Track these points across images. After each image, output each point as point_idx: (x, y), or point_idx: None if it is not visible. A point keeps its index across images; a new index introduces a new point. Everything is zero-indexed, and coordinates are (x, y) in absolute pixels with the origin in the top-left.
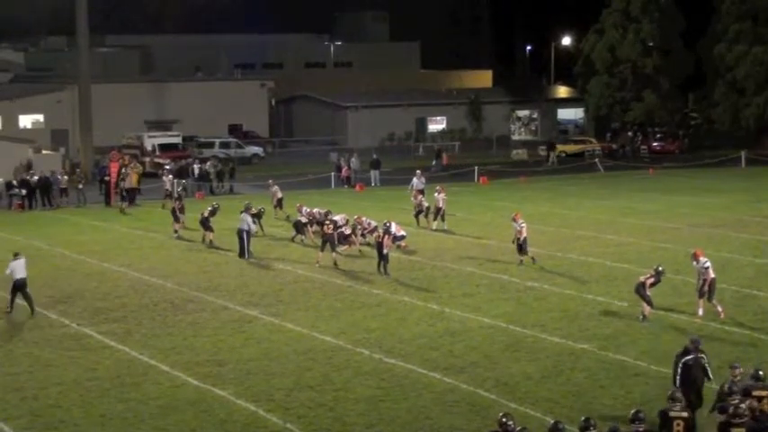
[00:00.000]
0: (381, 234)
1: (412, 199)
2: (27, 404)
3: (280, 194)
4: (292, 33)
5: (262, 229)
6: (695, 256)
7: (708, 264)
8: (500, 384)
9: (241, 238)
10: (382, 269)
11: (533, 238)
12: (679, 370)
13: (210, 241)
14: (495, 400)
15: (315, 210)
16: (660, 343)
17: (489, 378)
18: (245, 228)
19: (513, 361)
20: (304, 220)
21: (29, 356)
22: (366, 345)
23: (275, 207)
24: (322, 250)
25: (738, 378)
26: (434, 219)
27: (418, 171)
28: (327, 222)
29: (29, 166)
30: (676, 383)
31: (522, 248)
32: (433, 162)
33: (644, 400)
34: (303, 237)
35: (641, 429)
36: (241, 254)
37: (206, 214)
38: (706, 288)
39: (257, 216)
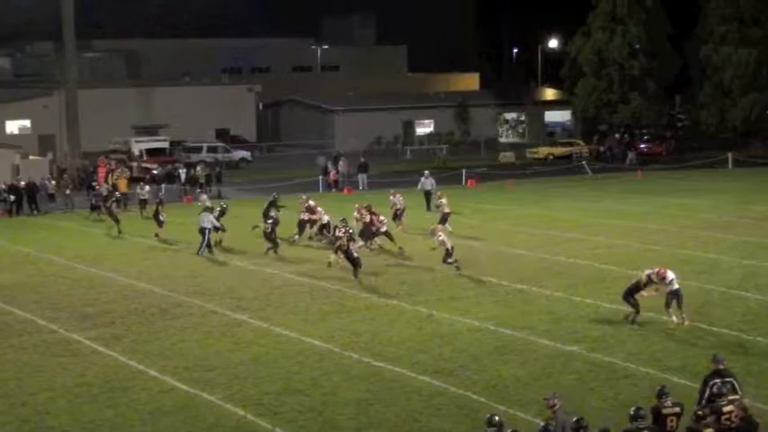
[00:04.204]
0: (345, 242)
1: (391, 197)
2: (15, 410)
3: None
4: (279, 37)
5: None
6: (659, 275)
7: (673, 277)
8: (489, 387)
9: (204, 236)
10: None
11: (522, 240)
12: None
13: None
14: (484, 403)
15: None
16: (649, 345)
17: (478, 381)
18: (208, 226)
19: (501, 363)
20: (306, 217)
21: (17, 362)
22: (355, 348)
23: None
24: (335, 253)
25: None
26: (396, 220)
27: (426, 171)
28: (340, 226)
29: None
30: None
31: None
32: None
33: (633, 402)
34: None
35: (642, 426)
36: (200, 250)
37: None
38: (673, 301)
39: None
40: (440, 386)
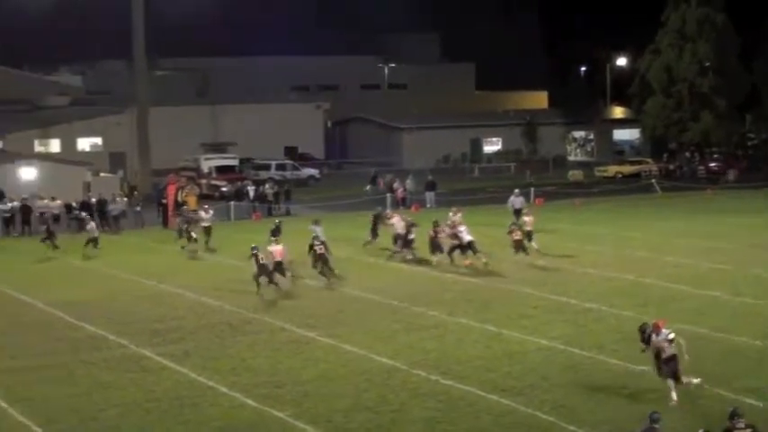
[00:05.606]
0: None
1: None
2: (85, 426)
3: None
4: (347, 55)
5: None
6: (656, 329)
7: (672, 336)
8: (558, 407)
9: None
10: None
11: (590, 258)
12: None
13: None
14: (553, 423)
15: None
16: (722, 365)
17: (547, 400)
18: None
19: (571, 383)
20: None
21: (88, 377)
22: (423, 366)
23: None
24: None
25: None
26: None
27: (516, 189)
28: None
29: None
30: None
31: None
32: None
33: (704, 424)
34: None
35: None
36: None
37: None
38: (663, 366)
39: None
40: (508, 405)
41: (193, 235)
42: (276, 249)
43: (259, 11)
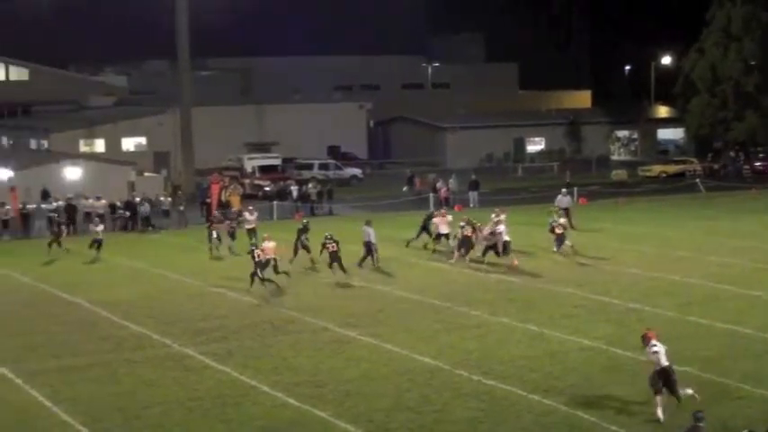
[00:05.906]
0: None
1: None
2: (129, 424)
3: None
4: (390, 55)
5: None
6: (646, 340)
7: (654, 348)
8: (600, 407)
9: (368, 249)
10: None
11: (634, 258)
12: None
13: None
14: (595, 423)
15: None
16: (764, 365)
17: (589, 400)
18: (371, 240)
19: (613, 383)
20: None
21: (131, 375)
22: (465, 366)
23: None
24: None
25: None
26: (503, 252)
27: (564, 189)
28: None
29: None
30: None
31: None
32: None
33: (747, 425)
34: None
35: None
36: (362, 262)
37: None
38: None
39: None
40: (550, 405)
41: (214, 234)
42: (269, 246)
43: (300, 11)
